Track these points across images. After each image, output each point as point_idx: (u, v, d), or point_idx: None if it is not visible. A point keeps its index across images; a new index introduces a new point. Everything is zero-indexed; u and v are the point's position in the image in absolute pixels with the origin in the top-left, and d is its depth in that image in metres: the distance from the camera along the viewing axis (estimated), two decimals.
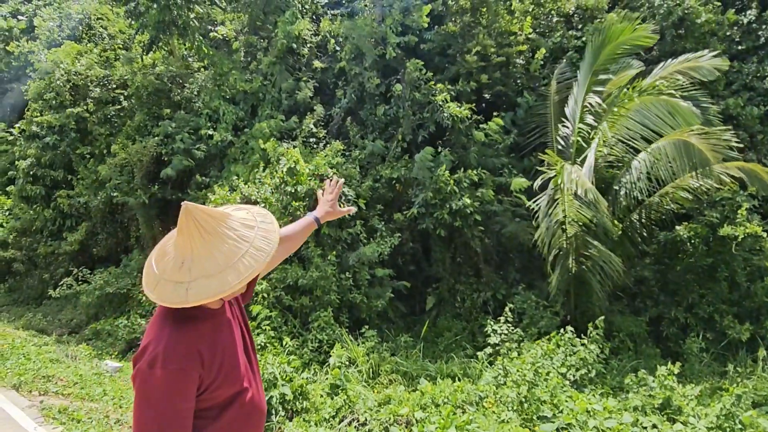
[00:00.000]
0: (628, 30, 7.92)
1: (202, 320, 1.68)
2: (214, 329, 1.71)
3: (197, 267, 1.54)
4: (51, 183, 13.64)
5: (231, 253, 1.55)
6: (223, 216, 1.60)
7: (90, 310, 11.26)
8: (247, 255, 1.56)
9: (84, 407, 6.26)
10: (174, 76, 12.56)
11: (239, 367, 1.76)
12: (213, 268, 1.54)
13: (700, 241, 8.76)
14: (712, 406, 5.17)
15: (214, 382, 1.65)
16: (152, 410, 1.54)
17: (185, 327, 1.62)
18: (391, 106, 10.01)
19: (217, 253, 1.55)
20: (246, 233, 1.61)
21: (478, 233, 9.32)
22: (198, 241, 1.55)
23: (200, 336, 1.64)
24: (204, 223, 1.55)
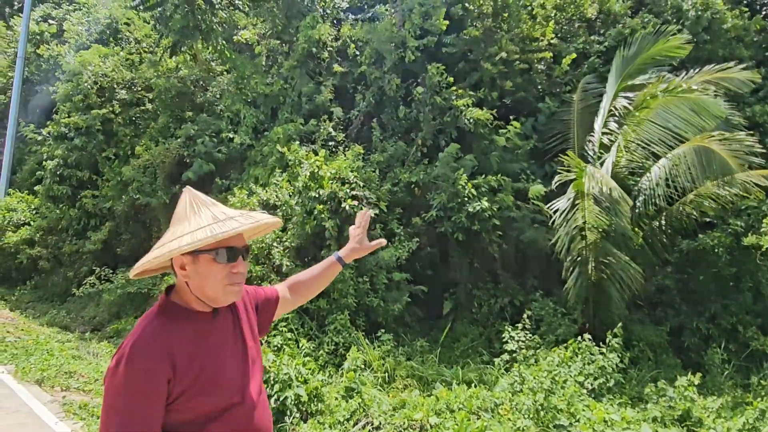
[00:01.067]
0: (662, 42, 7.87)
1: (184, 320, 1.60)
2: (197, 332, 1.60)
3: (165, 236, 1.61)
4: (77, 183, 13.95)
5: (188, 226, 1.57)
6: (213, 203, 1.66)
7: (112, 309, 11.46)
8: (201, 230, 1.54)
9: None
10: (197, 80, 12.77)
11: (224, 378, 1.61)
12: (167, 237, 1.59)
13: (723, 251, 8.59)
14: (734, 420, 5.07)
15: (189, 389, 1.52)
16: (114, 413, 1.45)
17: (162, 325, 1.56)
18: (412, 109, 10.03)
19: (183, 224, 1.58)
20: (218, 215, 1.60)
21: (496, 238, 9.26)
22: (177, 214, 1.63)
23: (176, 336, 1.55)
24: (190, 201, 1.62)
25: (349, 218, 8.22)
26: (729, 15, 10.40)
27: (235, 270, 1.61)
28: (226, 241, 1.59)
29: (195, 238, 1.53)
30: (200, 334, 1.61)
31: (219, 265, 1.58)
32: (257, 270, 8.54)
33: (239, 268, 1.62)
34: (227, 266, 1.59)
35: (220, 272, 1.58)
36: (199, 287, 1.60)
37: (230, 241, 1.60)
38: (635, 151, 7.70)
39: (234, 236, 1.61)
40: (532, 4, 11.14)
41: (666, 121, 7.28)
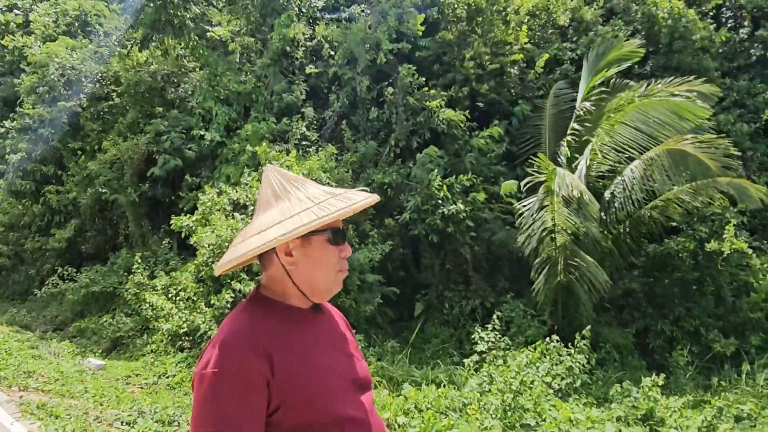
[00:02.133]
0: (618, 47, 8.17)
1: (283, 315, 1.38)
2: (299, 330, 1.38)
3: (252, 226, 1.36)
4: (41, 178, 13.56)
5: (287, 209, 1.33)
6: (303, 180, 1.42)
7: (75, 308, 11.17)
8: (306, 212, 1.31)
9: (63, 404, 6.18)
10: (168, 75, 12.54)
11: (335, 387, 1.36)
12: (263, 224, 1.33)
13: (688, 255, 8.81)
14: (693, 419, 5.18)
15: (292, 396, 1.27)
16: (205, 422, 1.22)
17: (255, 320, 1.33)
18: (384, 111, 10.03)
19: (275, 210, 1.35)
20: (318, 195, 1.36)
21: (468, 240, 9.32)
22: (263, 200, 1.39)
23: (274, 333, 1.32)
24: (276, 182, 1.39)
25: None
26: (699, 25, 10.69)
27: (344, 253, 1.42)
28: (338, 222, 1.40)
29: (322, 212, 1.30)
30: (303, 332, 1.39)
31: (332, 248, 1.38)
32: None
33: (347, 252, 1.43)
34: (338, 249, 1.40)
35: (333, 255, 1.39)
36: (309, 275, 1.38)
37: (337, 222, 1.39)
38: (608, 154, 7.84)
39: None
40: (506, 10, 11.27)
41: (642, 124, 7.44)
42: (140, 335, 9.46)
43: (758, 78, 10.97)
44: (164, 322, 8.39)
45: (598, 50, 8.45)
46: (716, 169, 7.25)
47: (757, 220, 9.59)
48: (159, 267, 10.22)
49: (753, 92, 10.83)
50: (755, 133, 10.56)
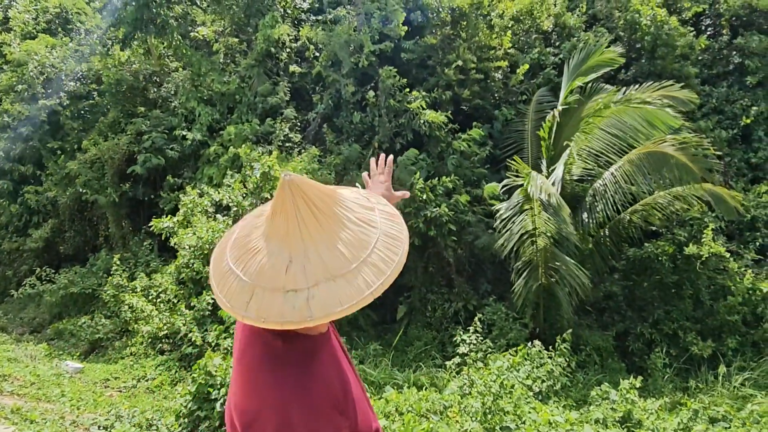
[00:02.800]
0: (598, 52, 8.26)
1: (320, 350, 1.20)
2: (334, 361, 1.25)
3: (316, 265, 1.06)
4: (18, 178, 13.30)
5: (359, 243, 1.08)
6: (334, 193, 1.14)
7: (53, 310, 10.96)
8: (380, 245, 1.10)
9: (39, 408, 6.08)
10: (150, 74, 12.40)
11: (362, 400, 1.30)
12: (338, 265, 1.06)
13: (667, 259, 8.93)
14: (670, 421, 5.25)
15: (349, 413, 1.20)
16: None
17: (312, 370, 1.14)
18: (367, 113, 10.03)
19: (339, 243, 1.07)
20: (368, 215, 1.14)
21: (451, 243, 9.35)
22: (312, 227, 1.06)
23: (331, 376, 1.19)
24: (318, 201, 1.07)
25: None
26: (681, 31, 10.86)
27: None
28: None
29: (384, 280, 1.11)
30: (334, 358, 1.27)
31: None
32: (207, 271, 8.32)
33: None
34: None
35: None
36: None
37: None
38: (586, 159, 7.92)
39: None
40: (491, 14, 11.35)
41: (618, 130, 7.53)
42: (119, 338, 9.33)
43: (736, 85, 11.18)
44: (144, 325, 8.29)
45: (579, 56, 8.53)
46: (697, 170, 7.37)
47: (734, 225, 9.76)
48: (140, 269, 10.09)
49: (731, 99, 11.04)
50: (733, 139, 10.76)
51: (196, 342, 7.57)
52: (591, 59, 8.19)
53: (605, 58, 8.28)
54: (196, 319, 8.02)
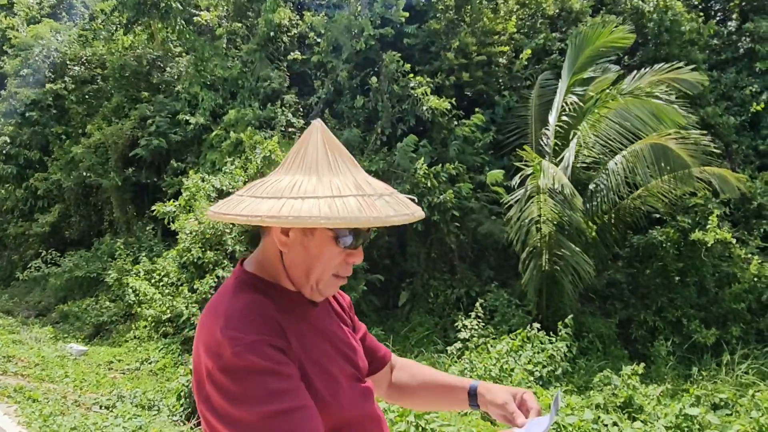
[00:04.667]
0: (606, 32, 7.98)
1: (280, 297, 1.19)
2: (299, 314, 1.21)
3: (269, 182, 1.13)
4: (24, 163, 13.36)
5: (307, 185, 1.10)
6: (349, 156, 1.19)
7: (59, 293, 11.07)
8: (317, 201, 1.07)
9: (42, 387, 6.14)
10: (154, 59, 12.37)
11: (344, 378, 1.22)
12: (279, 189, 1.09)
13: (671, 246, 8.87)
14: (671, 407, 5.23)
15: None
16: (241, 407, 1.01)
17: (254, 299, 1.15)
18: (370, 99, 9.96)
19: (298, 177, 1.12)
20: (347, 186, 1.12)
21: (454, 230, 9.32)
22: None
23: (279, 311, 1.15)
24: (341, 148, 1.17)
25: None
26: (686, 18, 10.70)
27: (352, 259, 1.20)
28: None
29: (336, 212, 1.04)
30: (304, 320, 1.21)
31: (337, 249, 1.16)
32: (209, 256, 8.35)
33: (356, 258, 1.21)
34: (344, 252, 1.18)
35: (336, 257, 1.17)
36: (300, 265, 1.18)
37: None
38: (593, 147, 7.84)
39: None
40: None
41: (624, 120, 7.43)
42: (123, 321, 9.41)
43: (745, 71, 11.01)
44: (147, 308, 8.33)
45: (585, 34, 8.29)
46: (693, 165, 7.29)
47: (740, 213, 9.66)
48: (143, 253, 10.13)
49: (740, 85, 10.88)
50: (741, 126, 10.62)
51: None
52: (599, 39, 7.98)
53: (614, 38, 8.03)
54: (198, 302, 8.04)
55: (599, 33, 8.07)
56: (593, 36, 8.11)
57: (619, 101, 7.47)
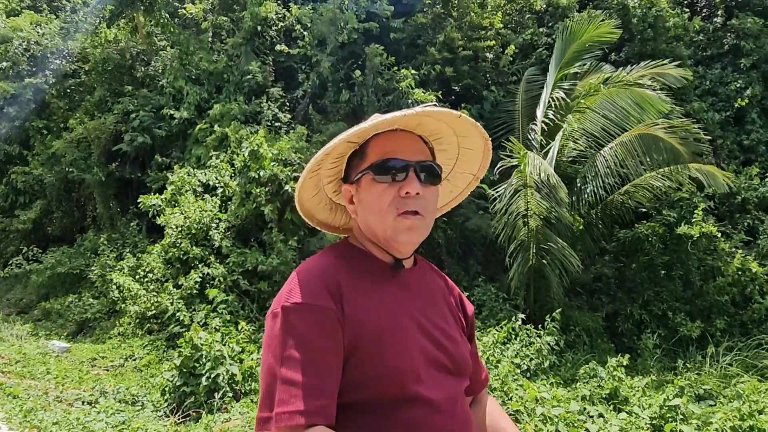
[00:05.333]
0: (593, 27, 8.01)
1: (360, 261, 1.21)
2: (375, 281, 1.19)
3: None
4: (5, 158, 13.13)
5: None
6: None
7: (41, 290, 10.88)
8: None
9: (23, 384, 6.03)
10: (138, 53, 12.20)
11: (406, 358, 1.11)
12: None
13: (657, 240, 8.94)
14: (656, 398, 5.26)
15: (357, 351, 1.09)
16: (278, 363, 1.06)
17: (330, 262, 1.17)
18: (355, 93, 9.90)
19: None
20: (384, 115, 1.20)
21: (441, 224, 9.30)
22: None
23: (350, 275, 1.16)
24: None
25: (291, 201, 8.02)
26: (671, 14, 10.77)
27: (404, 190, 1.14)
28: (393, 151, 1.17)
29: (337, 138, 1.14)
30: (385, 286, 1.19)
31: (381, 186, 1.15)
32: (195, 252, 8.26)
33: (410, 188, 1.14)
34: (393, 186, 1.15)
35: (386, 195, 1.15)
36: (365, 222, 1.21)
37: (399, 152, 1.17)
38: (578, 140, 7.85)
39: (405, 145, 1.18)
40: None
41: (609, 112, 7.45)
42: (107, 318, 9.27)
43: (730, 67, 11.11)
44: (132, 304, 8.22)
45: (571, 28, 8.30)
46: (686, 153, 7.32)
47: (725, 207, 9.76)
48: (127, 249, 10.00)
49: (725, 81, 10.97)
50: (726, 121, 10.72)
51: (183, 321, 7.51)
52: (586, 34, 8.01)
53: (601, 32, 8.07)
54: (183, 298, 7.96)
55: (586, 28, 8.10)
56: (580, 31, 8.13)
57: (602, 92, 7.48)
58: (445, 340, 1.21)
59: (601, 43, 8.31)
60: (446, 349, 1.20)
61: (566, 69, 8.28)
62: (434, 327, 1.20)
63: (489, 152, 1.32)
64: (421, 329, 1.17)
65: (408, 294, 1.21)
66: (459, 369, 1.22)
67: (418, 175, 1.16)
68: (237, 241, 8.64)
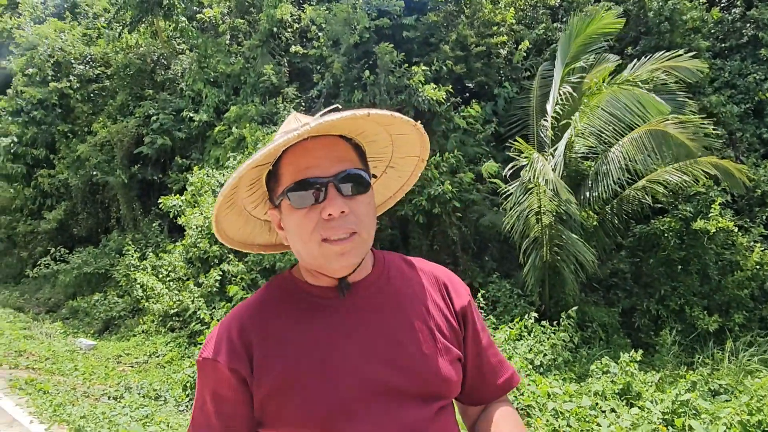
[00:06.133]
0: (597, 19, 7.99)
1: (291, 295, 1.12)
2: (307, 312, 1.09)
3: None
4: (32, 161, 13.56)
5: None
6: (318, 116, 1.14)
7: (68, 290, 11.26)
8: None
9: (52, 380, 6.30)
10: (158, 57, 12.49)
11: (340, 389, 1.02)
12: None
13: (673, 235, 8.87)
14: (668, 392, 5.28)
15: (275, 392, 1.03)
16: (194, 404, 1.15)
17: (254, 303, 1.13)
18: (368, 92, 10.00)
19: None
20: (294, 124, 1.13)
21: (455, 221, 9.37)
22: None
23: (270, 316, 1.09)
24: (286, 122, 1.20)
25: None
26: (688, 6, 10.63)
27: (325, 213, 1.02)
28: (305, 166, 1.04)
29: (240, 169, 1.02)
30: (314, 317, 1.09)
31: (301, 211, 1.03)
32: (213, 250, 8.47)
33: (332, 209, 1.01)
34: (315, 209, 1.03)
35: (306, 221, 1.03)
36: (297, 248, 1.08)
37: (312, 166, 1.04)
38: (589, 136, 7.84)
39: (319, 156, 1.05)
40: None
41: (615, 110, 7.43)
42: (132, 316, 9.56)
43: (750, 58, 10.93)
44: (155, 303, 8.47)
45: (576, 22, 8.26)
46: (695, 150, 7.28)
47: (743, 201, 9.64)
48: (150, 249, 10.29)
49: (744, 73, 10.80)
50: (745, 114, 10.56)
51: (204, 319, 7.72)
52: (589, 27, 7.98)
53: (605, 24, 8.01)
54: (204, 296, 8.18)
55: (589, 21, 8.08)
56: (584, 24, 8.11)
57: (606, 90, 7.45)
58: (407, 359, 1.07)
59: (605, 34, 8.25)
60: (407, 370, 1.06)
61: (573, 63, 8.27)
62: (392, 346, 1.07)
63: (423, 134, 1.18)
64: (367, 355, 1.05)
65: (354, 316, 1.09)
66: (429, 390, 1.07)
67: (339, 190, 1.03)
68: None
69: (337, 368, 1.03)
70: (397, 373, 1.05)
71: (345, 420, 1.00)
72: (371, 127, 1.16)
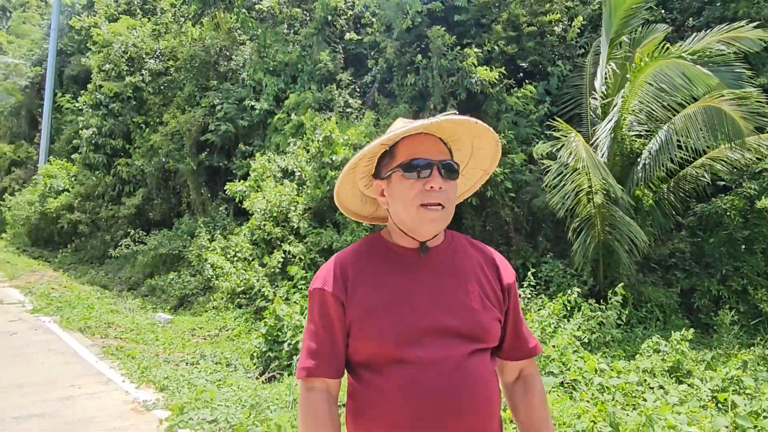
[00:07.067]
0: None
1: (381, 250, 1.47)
2: (392, 265, 1.43)
3: None
4: (111, 151, 14.66)
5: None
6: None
7: (146, 269, 12.20)
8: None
9: (138, 348, 7.05)
10: (221, 49, 13.14)
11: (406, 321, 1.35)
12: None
13: (737, 214, 8.62)
14: (718, 371, 5.29)
15: (358, 321, 1.37)
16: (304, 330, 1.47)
17: (352, 252, 1.48)
18: (420, 76, 10.16)
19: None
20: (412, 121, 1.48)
21: (508, 202, 9.47)
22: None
23: (363, 262, 1.44)
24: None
25: None
26: None
27: (428, 185, 1.37)
28: (418, 152, 1.40)
29: (372, 143, 1.42)
30: (396, 267, 1.43)
31: (409, 181, 1.38)
32: (276, 232, 9.01)
33: (434, 183, 1.37)
34: (419, 182, 1.38)
35: (412, 189, 1.38)
36: (395, 213, 1.44)
37: (424, 152, 1.40)
38: (639, 113, 7.72)
39: (429, 146, 1.42)
40: None
41: (662, 84, 7.26)
42: (203, 293, 10.32)
43: None
44: (224, 281, 9.14)
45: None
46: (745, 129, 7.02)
47: None
48: (218, 231, 11.02)
49: None
50: None
51: (268, 296, 8.29)
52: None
53: None
54: (268, 275, 8.74)
55: None
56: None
57: (650, 65, 7.26)
58: (461, 309, 1.39)
59: (646, 2, 8.02)
60: (460, 317, 1.37)
61: (618, 38, 8.10)
62: (451, 298, 1.39)
63: (499, 151, 1.56)
64: (432, 301, 1.38)
65: (426, 273, 1.42)
66: (473, 334, 1.38)
67: (440, 172, 1.38)
68: (313, 222, 9.32)
69: (410, 308, 1.36)
70: (451, 318, 1.37)
71: (409, 344, 1.33)
72: (465, 137, 1.53)
